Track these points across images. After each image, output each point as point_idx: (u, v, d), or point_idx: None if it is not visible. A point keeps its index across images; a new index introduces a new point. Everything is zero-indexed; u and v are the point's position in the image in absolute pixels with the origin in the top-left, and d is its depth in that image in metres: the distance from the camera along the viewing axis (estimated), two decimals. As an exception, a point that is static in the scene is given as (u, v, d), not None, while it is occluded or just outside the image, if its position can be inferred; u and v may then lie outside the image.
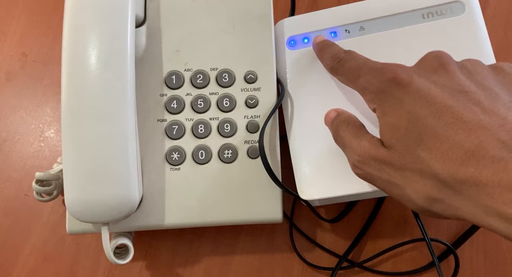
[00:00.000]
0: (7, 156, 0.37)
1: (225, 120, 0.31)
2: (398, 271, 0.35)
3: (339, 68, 0.28)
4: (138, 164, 0.28)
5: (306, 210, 0.33)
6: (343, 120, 0.27)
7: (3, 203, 0.36)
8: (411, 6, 0.30)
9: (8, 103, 0.38)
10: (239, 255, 0.36)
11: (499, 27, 0.40)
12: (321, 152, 0.30)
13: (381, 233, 0.36)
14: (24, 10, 0.40)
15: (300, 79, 0.32)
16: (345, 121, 0.27)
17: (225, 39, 0.32)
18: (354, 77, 0.26)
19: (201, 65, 0.32)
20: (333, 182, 0.29)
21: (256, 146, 0.31)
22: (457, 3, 0.30)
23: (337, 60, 0.28)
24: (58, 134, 0.38)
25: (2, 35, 0.40)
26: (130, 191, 0.27)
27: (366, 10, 0.31)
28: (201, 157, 0.31)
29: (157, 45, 0.31)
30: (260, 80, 0.32)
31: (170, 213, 0.30)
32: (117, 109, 0.26)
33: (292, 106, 0.31)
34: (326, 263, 0.35)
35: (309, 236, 0.36)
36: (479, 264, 0.35)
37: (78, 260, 0.35)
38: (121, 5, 0.27)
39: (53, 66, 0.39)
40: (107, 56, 0.26)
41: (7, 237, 0.36)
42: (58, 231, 0.36)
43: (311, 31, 0.32)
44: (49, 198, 0.33)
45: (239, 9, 0.32)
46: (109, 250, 0.27)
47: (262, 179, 0.30)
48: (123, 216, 0.27)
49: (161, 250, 0.36)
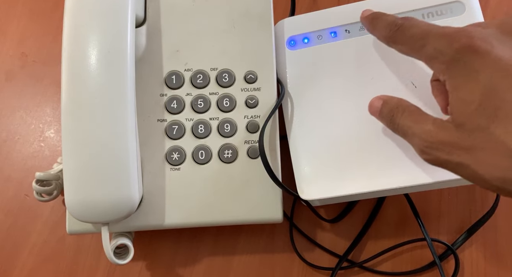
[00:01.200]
0: (7, 156, 0.37)
1: (225, 120, 0.31)
2: (398, 271, 0.35)
3: (398, 36, 0.25)
4: (138, 164, 0.28)
5: (306, 210, 0.33)
6: (395, 107, 0.25)
7: (3, 203, 0.36)
8: (411, 6, 0.30)
9: (8, 103, 0.38)
10: (239, 255, 0.36)
11: (499, 27, 0.40)
12: (321, 152, 0.30)
13: (381, 233, 0.36)
14: (24, 10, 0.40)
15: (300, 79, 0.32)
16: (398, 107, 0.25)
17: (225, 39, 0.32)
18: (419, 45, 0.23)
19: (201, 65, 0.31)
20: (333, 182, 0.29)
21: (256, 146, 0.31)
22: (457, 3, 0.30)
23: (395, 28, 0.25)
24: (58, 134, 0.38)
25: (2, 35, 0.40)
26: (130, 191, 0.27)
27: (366, 10, 0.31)
28: (201, 157, 0.31)
29: (157, 45, 0.31)
30: (260, 80, 0.32)
31: (170, 213, 0.30)
32: (117, 109, 0.26)
33: (292, 106, 0.31)
34: (326, 263, 0.35)
35: (309, 236, 0.36)
36: (479, 264, 0.35)
37: (78, 260, 0.35)
38: (121, 5, 0.27)
39: (53, 66, 0.39)
40: (107, 56, 0.26)
41: (7, 237, 0.36)
42: (58, 231, 0.36)
43: (311, 31, 0.32)
44: (49, 198, 0.33)
45: (239, 9, 0.32)
46: (109, 250, 0.27)
47: (262, 179, 0.30)
48: (123, 216, 0.27)
49: (161, 250, 0.36)
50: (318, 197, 0.30)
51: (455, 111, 0.21)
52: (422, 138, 0.22)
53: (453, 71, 0.21)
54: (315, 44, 0.32)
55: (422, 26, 0.23)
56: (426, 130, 0.22)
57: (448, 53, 0.21)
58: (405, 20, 0.25)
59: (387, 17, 0.26)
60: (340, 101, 0.30)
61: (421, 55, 0.23)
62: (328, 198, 0.29)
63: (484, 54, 0.20)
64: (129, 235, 0.31)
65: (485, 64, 0.20)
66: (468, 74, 0.20)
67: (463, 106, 0.21)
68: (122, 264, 0.28)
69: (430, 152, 0.22)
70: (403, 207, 0.36)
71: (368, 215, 0.36)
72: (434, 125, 0.22)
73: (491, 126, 0.19)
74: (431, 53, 0.22)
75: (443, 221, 0.36)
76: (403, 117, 0.24)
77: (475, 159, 0.20)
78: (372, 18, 0.27)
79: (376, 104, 0.26)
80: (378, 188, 0.28)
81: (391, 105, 0.25)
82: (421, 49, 0.23)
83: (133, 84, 0.28)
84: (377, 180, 0.28)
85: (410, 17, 0.25)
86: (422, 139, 0.23)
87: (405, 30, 0.24)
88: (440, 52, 0.22)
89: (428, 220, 0.36)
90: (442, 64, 0.22)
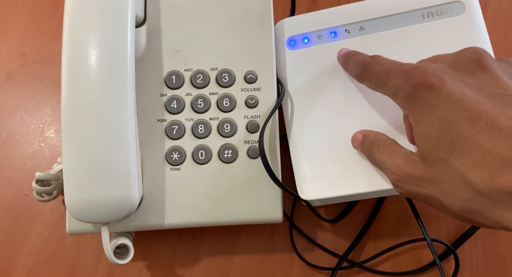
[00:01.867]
0: (7, 156, 0.37)
1: (225, 120, 0.31)
2: (398, 271, 0.35)
3: (365, 75, 0.26)
4: (138, 164, 0.28)
5: (306, 210, 0.33)
6: (372, 142, 0.26)
7: (3, 203, 0.36)
8: (411, 6, 0.30)
9: (8, 103, 0.38)
10: (239, 255, 0.36)
11: (499, 27, 0.40)
12: (321, 152, 0.30)
13: (381, 233, 0.36)
14: (24, 11, 0.40)
15: (300, 79, 0.32)
16: (374, 142, 0.26)
17: (225, 39, 0.32)
18: (382, 83, 0.25)
19: (201, 65, 0.31)
20: (333, 182, 0.29)
21: (256, 146, 0.31)
22: (457, 3, 0.30)
23: (363, 67, 0.26)
24: (58, 134, 0.38)
25: (2, 35, 0.40)
26: (130, 191, 0.27)
27: (366, 10, 0.31)
28: (201, 157, 0.31)
29: (157, 45, 0.31)
30: (260, 80, 0.32)
31: (170, 213, 0.30)
32: (117, 109, 0.26)
33: (292, 106, 0.31)
34: (326, 263, 0.35)
35: (309, 236, 0.36)
36: (479, 264, 0.35)
37: (78, 260, 0.35)
38: (121, 5, 0.27)
39: (53, 66, 0.39)
40: (107, 56, 0.26)
41: (7, 237, 0.36)
42: (58, 231, 0.36)
43: (311, 31, 0.32)
44: (49, 198, 0.33)
45: (239, 9, 0.32)
46: (109, 250, 0.27)
47: (262, 179, 0.30)
48: (123, 216, 0.27)
49: (161, 250, 0.36)
50: (318, 197, 0.30)
51: (418, 145, 0.22)
52: (393, 172, 0.24)
53: (412, 106, 0.23)
54: (315, 44, 0.32)
55: (385, 64, 0.25)
56: (395, 164, 0.24)
57: (405, 89, 0.23)
58: (372, 58, 0.26)
59: (357, 56, 0.28)
60: (340, 101, 0.30)
61: (386, 91, 0.25)
62: (328, 198, 0.29)
63: (437, 89, 0.21)
64: (129, 235, 0.31)
65: (439, 99, 0.21)
66: (425, 109, 0.22)
67: (424, 140, 0.22)
68: (122, 264, 0.28)
69: (402, 186, 0.24)
70: (403, 207, 0.36)
71: (368, 215, 0.36)
72: (403, 159, 0.23)
73: (450, 159, 0.20)
74: (392, 90, 0.24)
75: (443, 221, 0.36)
76: (378, 151, 0.26)
77: (440, 191, 0.21)
78: (345, 58, 0.29)
79: (357, 138, 0.28)
80: (378, 188, 0.28)
81: (369, 139, 0.27)
82: (385, 86, 0.24)
83: (133, 84, 0.28)
84: (377, 180, 0.28)
85: (376, 56, 0.26)
86: (393, 173, 0.24)
87: (371, 68, 0.26)
88: (400, 88, 0.23)
89: (428, 220, 0.36)
90: (402, 99, 0.23)
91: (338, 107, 0.30)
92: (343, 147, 0.29)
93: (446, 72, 0.22)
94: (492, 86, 0.20)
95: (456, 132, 0.20)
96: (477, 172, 0.19)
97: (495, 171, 0.18)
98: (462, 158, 0.20)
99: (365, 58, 0.27)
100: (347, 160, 0.29)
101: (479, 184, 0.19)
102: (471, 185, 0.19)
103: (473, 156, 0.19)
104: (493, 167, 0.19)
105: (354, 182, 0.29)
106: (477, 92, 0.20)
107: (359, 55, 0.28)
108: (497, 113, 0.19)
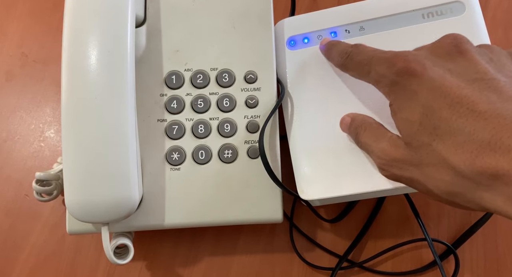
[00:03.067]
0: (7, 156, 0.37)
1: (225, 120, 0.31)
2: (398, 271, 0.35)
3: (348, 64, 0.27)
4: (138, 164, 0.28)
5: (306, 210, 0.33)
6: (359, 125, 0.26)
7: (3, 203, 0.36)
8: (411, 6, 0.30)
9: (8, 103, 0.38)
10: (239, 255, 0.36)
11: (499, 27, 0.40)
12: (321, 152, 0.30)
13: (381, 233, 0.36)
14: (24, 10, 0.40)
15: (300, 79, 0.32)
16: (362, 125, 0.26)
17: (225, 39, 0.32)
18: (365, 71, 0.25)
19: (201, 65, 0.31)
20: (333, 182, 0.29)
21: (256, 146, 0.31)
22: (457, 3, 0.30)
23: (345, 56, 0.27)
24: (58, 134, 0.38)
25: (2, 35, 0.40)
26: (130, 191, 0.27)
27: (366, 10, 0.31)
28: (201, 157, 0.31)
29: (157, 45, 0.31)
30: (260, 80, 0.32)
31: (170, 213, 0.30)
32: (117, 109, 0.26)
33: (292, 106, 0.31)
34: (326, 263, 0.35)
35: (309, 236, 0.36)
36: (479, 264, 0.35)
37: (78, 260, 0.35)
38: (121, 5, 0.27)
39: (53, 66, 0.39)
40: (107, 56, 0.26)
41: (7, 237, 0.36)
42: (58, 231, 0.36)
43: (311, 31, 0.32)
44: (49, 198, 0.33)
45: (239, 9, 0.32)
46: (109, 250, 0.27)
47: (262, 179, 0.30)
48: (123, 216, 0.27)
49: (161, 250, 0.36)
50: (318, 197, 0.30)
51: (401, 130, 0.23)
52: (379, 155, 0.24)
53: (395, 93, 0.23)
54: (315, 44, 0.32)
55: (367, 53, 0.25)
56: (381, 147, 0.24)
57: (388, 76, 0.23)
58: (354, 47, 0.26)
59: (339, 46, 0.28)
60: (340, 101, 0.30)
61: (369, 80, 0.25)
62: (328, 198, 0.29)
63: (419, 75, 0.21)
64: (129, 235, 0.31)
65: (421, 85, 0.21)
66: (408, 95, 0.22)
67: (407, 125, 0.22)
68: (122, 264, 0.29)
69: (387, 169, 0.24)
70: (403, 207, 0.36)
71: (368, 215, 0.36)
72: (388, 143, 0.24)
73: (433, 143, 0.21)
74: (375, 78, 0.24)
75: (443, 221, 0.36)
76: (364, 134, 0.26)
77: (424, 175, 0.22)
78: (327, 48, 0.30)
79: (345, 121, 0.28)
80: (378, 188, 0.28)
81: (357, 122, 0.27)
82: (368, 74, 0.25)
83: (133, 84, 0.28)
84: (377, 180, 0.28)
85: (359, 44, 0.26)
86: (379, 157, 0.24)
87: (353, 57, 0.26)
88: (382, 76, 0.23)
89: (428, 220, 0.36)
90: (385, 87, 0.24)
91: (338, 107, 0.30)
92: (343, 147, 0.29)
93: (427, 58, 0.22)
94: (471, 71, 0.21)
95: (438, 118, 0.20)
96: (458, 155, 0.20)
97: (476, 153, 0.19)
98: (444, 142, 0.20)
99: (347, 47, 0.27)
100: (347, 160, 0.29)
101: (460, 166, 0.20)
102: (453, 168, 0.20)
103: (454, 140, 0.20)
104: (473, 150, 0.19)
105: (354, 182, 0.29)
106: (457, 77, 0.21)
107: (340, 44, 0.28)
108: (477, 98, 0.20)
